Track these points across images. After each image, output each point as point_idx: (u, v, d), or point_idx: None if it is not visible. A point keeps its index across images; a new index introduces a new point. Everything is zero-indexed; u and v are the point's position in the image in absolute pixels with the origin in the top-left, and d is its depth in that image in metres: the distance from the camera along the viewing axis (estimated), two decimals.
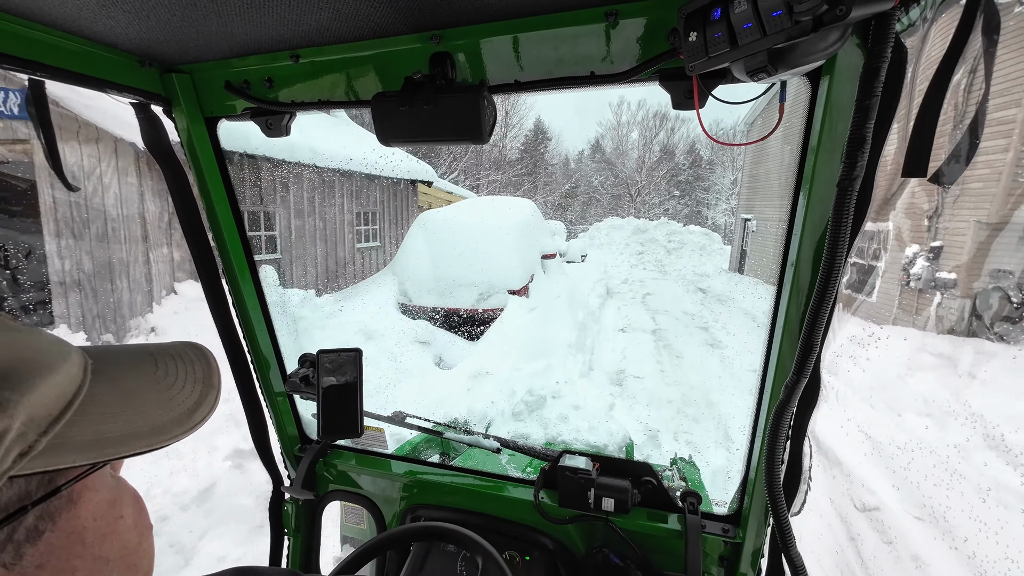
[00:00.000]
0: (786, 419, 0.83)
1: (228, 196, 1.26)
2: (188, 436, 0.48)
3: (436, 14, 0.85)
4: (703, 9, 0.65)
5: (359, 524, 1.68)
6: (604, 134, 41.38)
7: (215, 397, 0.51)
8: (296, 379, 1.31)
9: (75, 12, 0.83)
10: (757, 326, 10.25)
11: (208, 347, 0.56)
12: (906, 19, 0.68)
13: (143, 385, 0.47)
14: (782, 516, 0.85)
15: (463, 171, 27.57)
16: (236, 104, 1.11)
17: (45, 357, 0.39)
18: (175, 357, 0.51)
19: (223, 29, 0.91)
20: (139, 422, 0.44)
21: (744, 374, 7.14)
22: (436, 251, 8.63)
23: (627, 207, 36.81)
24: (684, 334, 9.77)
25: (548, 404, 4.24)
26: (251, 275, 1.34)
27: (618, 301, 13.09)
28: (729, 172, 36.16)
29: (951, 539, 3.16)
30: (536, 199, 30.29)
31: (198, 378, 0.51)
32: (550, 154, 39.63)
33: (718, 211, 36.31)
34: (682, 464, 2.74)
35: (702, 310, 12.30)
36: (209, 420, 0.51)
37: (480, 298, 8.11)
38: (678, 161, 39.28)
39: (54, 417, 0.37)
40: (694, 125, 39.61)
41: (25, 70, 0.88)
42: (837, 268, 0.71)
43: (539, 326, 7.69)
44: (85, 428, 0.40)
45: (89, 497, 0.44)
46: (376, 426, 1.59)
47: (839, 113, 0.78)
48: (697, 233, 24.20)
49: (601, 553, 1.27)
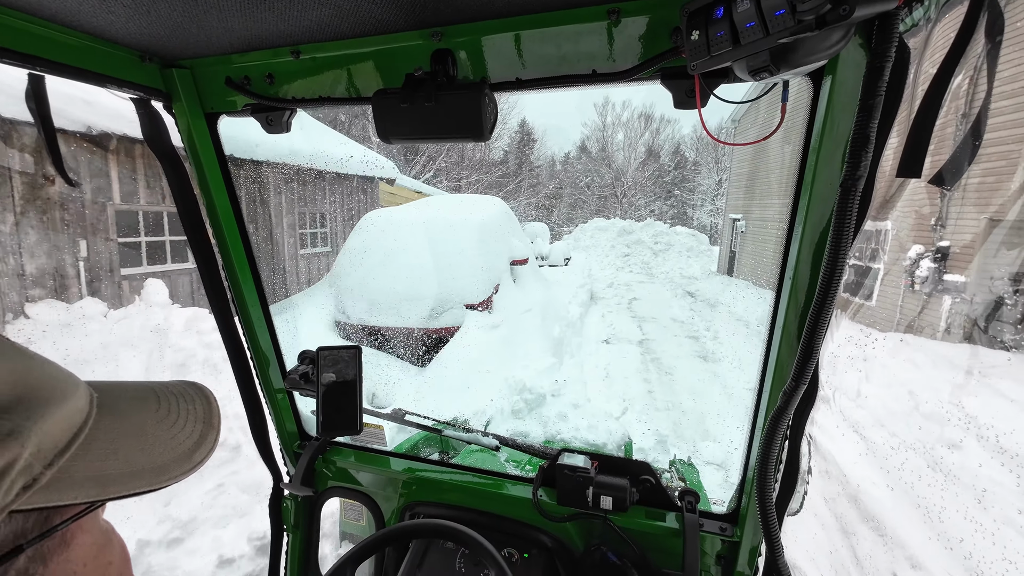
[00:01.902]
0: (782, 425, 0.83)
1: (228, 192, 1.26)
2: (187, 477, 0.46)
3: (438, 11, 0.85)
4: (706, 8, 0.64)
5: (358, 521, 1.68)
6: (590, 135, 41.30)
7: (214, 438, 0.50)
8: (296, 376, 1.31)
9: (75, 7, 0.82)
10: (751, 333, 9.71)
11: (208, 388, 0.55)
12: (909, 19, 0.68)
13: (146, 422, 0.45)
14: (771, 522, 0.86)
15: (440, 170, 26.36)
16: (236, 100, 1.10)
17: (58, 385, 0.37)
18: (177, 395, 0.50)
19: (224, 24, 0.90)
20: (141, 460, 0.42)
21: (744, 394, 6.40)
22: (380, 258, 7.21)
23: (613, 208, 36.61)
24: (673, 345, 9.05)
25: (548, 402, 4.24)
26: (251, 271, 1.34)
27: (602, 307, 12.35)
28: (714, 173, 36.14)
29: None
30: (520, 200, 29.58)
31: (199, 417, 0.50)
32: (535, 155, 39.12)
33: (703, 212, 36.22)
34: (681, 465, 2.75)
35: (692, 316, 11.58)
36: (208, 462, 0.50)
37: (431, 315, 6.70)
38: (663, 162, 39.15)
39: (60, 449, 0.35)
40: (679, 126, 39.77)
41: (25, 65, 0.87)
42: (839, 269, 0.71)
43: (504, 347, 6.44)
44: (88, 463, 0.38)
45: (82, 540, 0.42)
46: (375, 423, 1.59)
47: (841, 113, 0.78)
48: (684, 234, 23.67)
49: (599, 551, 1.27)
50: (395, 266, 7.06)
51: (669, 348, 8.82)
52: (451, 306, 6.79)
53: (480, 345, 6.29)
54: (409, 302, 6.77)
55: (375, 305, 6.83)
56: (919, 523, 3.35)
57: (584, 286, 12.98)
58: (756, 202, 16.28)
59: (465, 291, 6.89)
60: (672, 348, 8.83)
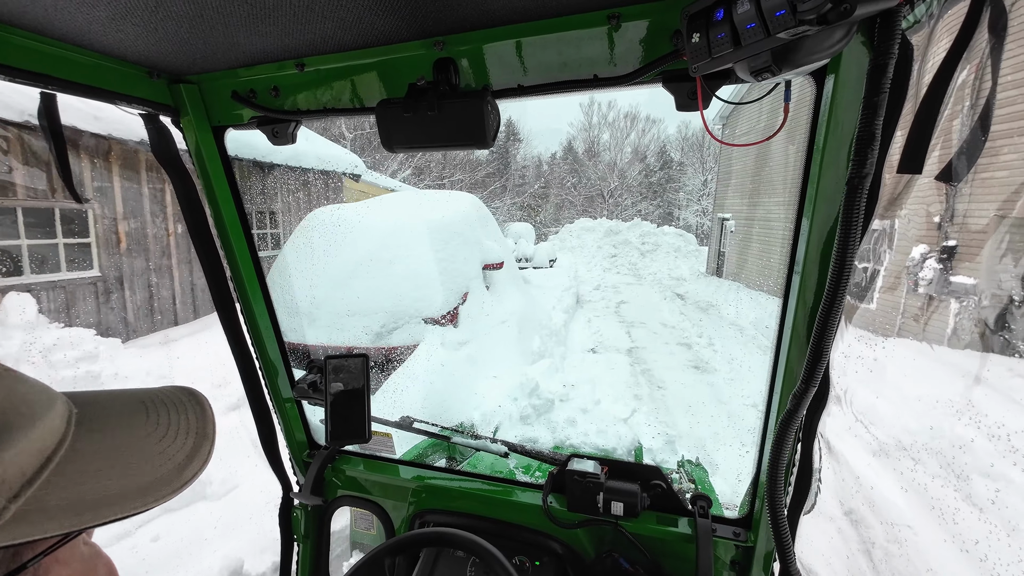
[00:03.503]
0: (792, 428, 0.82)
1: (236, 204, 1.27)
2: (176, 496, 0.42)
3: (439, 20, 0.86)
4: (706, 10, 0.65)
5: (368, 530, 1.68)
6: (576, 135, 41.19)
7: (209, 449, 0.46)
8: (304, 385, 1.32)
9: (85, 26, 0.84)
10: (747, 340, 9.21)
11: (203, 394, 0.51)
12: (912, 16, 0.68)
13: (132, 438, 0.42)
14: (781, 526, 0.85)
15: (421, 169, 24.61)
16: (243, 113, 1.12)
17: (29, 408, 0.34)
18: (168, 404, 0.47)
19: (230, 40, 0.92)
20: (124, 481, 0.39)
21: (745, 412, 5.71)
22: (323, 264, 6.06)
23: (599, 208, 36.41)
24: (664, 353, 8.46)
25: (556, 407, 4.21)
26: (259, 282, 1.35)
27: (589, 312, 11.86)
28: (699, 173, 36.07)
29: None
30: (504, 200, 28.66)
31: (191, 428, 0.46)
32: (521, 155, 38.61)
33: (689, 212, 36.07)
34: (690, 467, 2.72)
35: (682, 321, 11.05)
36: (202, 475, 0.46)
37: (382, 332, 5.59)
38: (649, 162, 38.98)
39: (28, 479, 0.32)
40: (664, 126, 39.78)
41: (37, 84, 0.89)
42: (848, 268, 0.70)
43: (471, 367, 5.34)
44: (63, 490, 0.35)
45: (58, 572, 0.39)
46: (384, 431, 1.59)
47: (845, 112, 0.78)
48: (671, 234, 23.31)
49: (611, 558, 1.26)
50: (340, 273, 5.93)
51: (660, 358, 8.23)
52: (406, 321, 5.63)
53: (439, 369, 5.09)
54: (354, 317, 5.61)
55: (313, 321, 5.63)
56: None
57: (570, 289, 12.41)
58: (746, 201, 15.73)
59: (424, 302, 5.70)
60: (663, 358, 8.25)
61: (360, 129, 20.69)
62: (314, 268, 6.00)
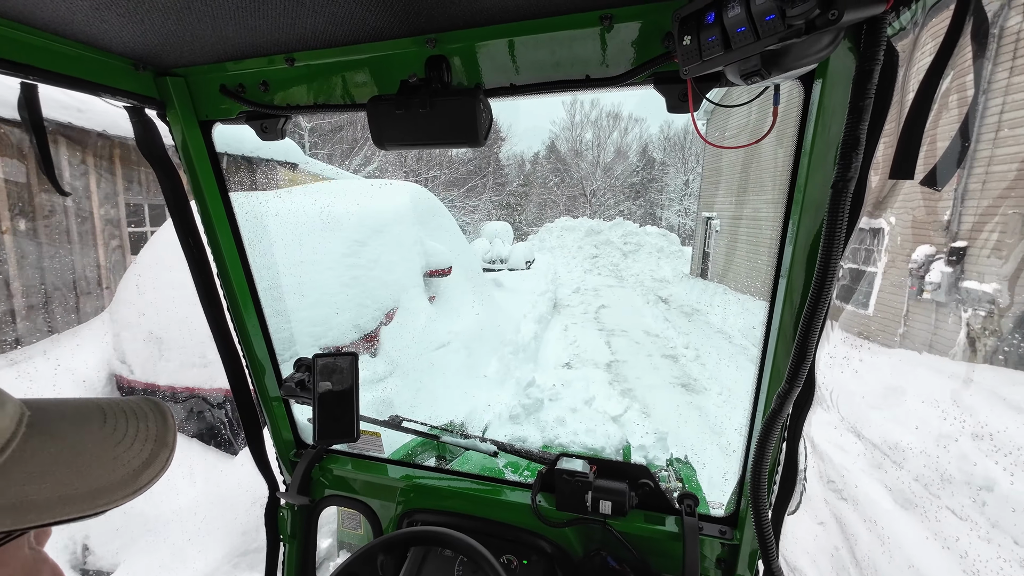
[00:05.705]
0: (776, 428, 0.83)
1: (223, 199, 1.26)
2: (130, 500, 0.42)
3: (432, 18, 0.86)
4: (697, 13, 0.65)
5: (356, 530, 1.67)
6: (558, 134, 41.00)
7: (167, 456, 0.46)
8: (292, 383, 1.30)
9: (68, 16, 0.82)
10: (736, 351, 8.64)
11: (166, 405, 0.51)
12: (897, 23, 0.69)
13: (86, 441, 0.42)
14: (764, 524, 0.86)
15: (392, 164, 22.02)
16: (231, 107, 1.10)
17: None
18: (128, 413, 0.46)
19: (218, 33, 0.90)
20: (74, 484, 0.39)
21: (738, 440, 4.47)
22: (188, 278, 2.62)
23: (582, 207, 36.32)
24: (648, 368, 7.68)
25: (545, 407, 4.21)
26: (246, 278, 1.34)
27: (566, 318, 11.09)
28: (681, 173, 36.28)
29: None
30: (483, 199, 27.81)
31: (150, 436, 0.46)
32: (503, 153, 37.60)
33: (672, 212, 36.22)
34: (678, 465, 2.75)
35: (667, 329, 10.32)
36: (158, 481, 0.46)
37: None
38: (632, 161, 38.98)
39: None
40: (646, 125, 39.69)
41: (18, 74, 0.87)
42: (832, 270, 0.71)
43: (386, 410, 3.87)
44: (6, 490, 0.34)
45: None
46: (372, 430, 1.58)
47: (832, 116, 0.79)
48: (654, 234, 22.76)
49: (599, 556, 1.27)
50: (183, 290, 3.43)
51: (643, 374, 7.36)
52: (297, 353, 3.91)
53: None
54: (183, 352, 4.10)
55: (171, 351, 4.12)
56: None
57: (546, 293, 11.66)
58: (732, 199, 15.10)
59: (324, 326, 4.29)
60: (647, 373, 7.38)
61: (320, 119, 18.64)
62: (177, 281, 3.86)
